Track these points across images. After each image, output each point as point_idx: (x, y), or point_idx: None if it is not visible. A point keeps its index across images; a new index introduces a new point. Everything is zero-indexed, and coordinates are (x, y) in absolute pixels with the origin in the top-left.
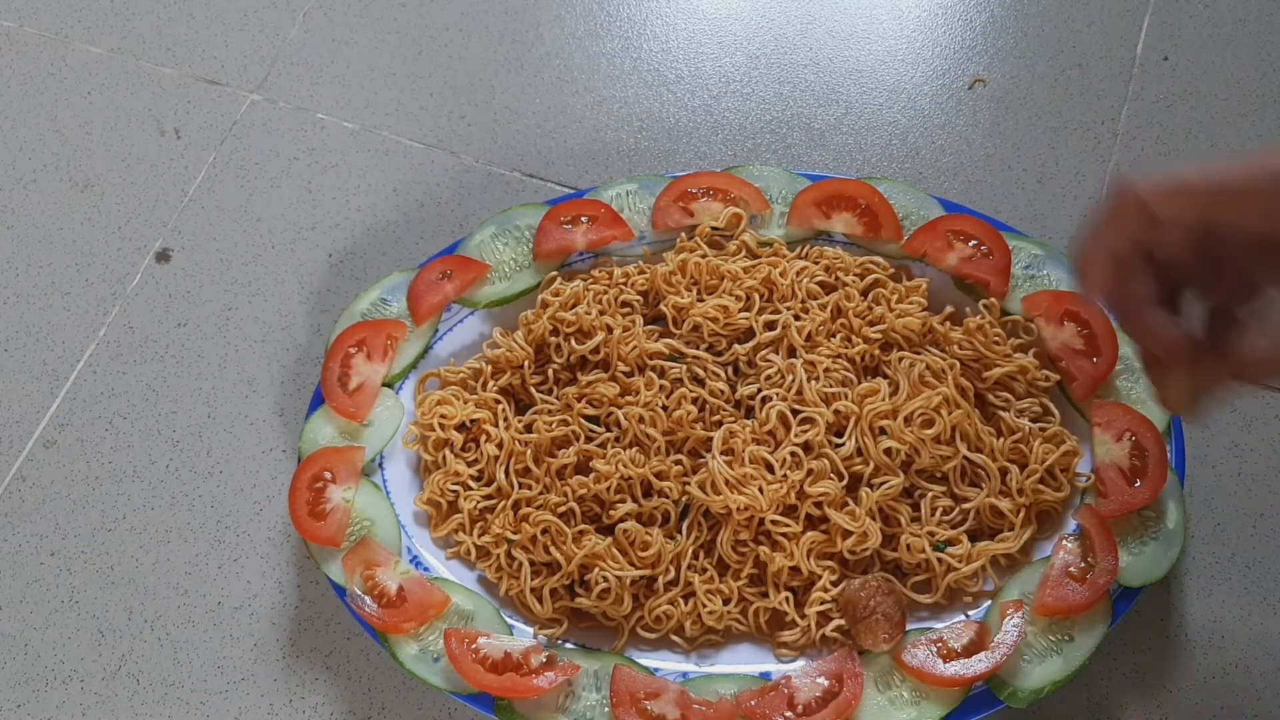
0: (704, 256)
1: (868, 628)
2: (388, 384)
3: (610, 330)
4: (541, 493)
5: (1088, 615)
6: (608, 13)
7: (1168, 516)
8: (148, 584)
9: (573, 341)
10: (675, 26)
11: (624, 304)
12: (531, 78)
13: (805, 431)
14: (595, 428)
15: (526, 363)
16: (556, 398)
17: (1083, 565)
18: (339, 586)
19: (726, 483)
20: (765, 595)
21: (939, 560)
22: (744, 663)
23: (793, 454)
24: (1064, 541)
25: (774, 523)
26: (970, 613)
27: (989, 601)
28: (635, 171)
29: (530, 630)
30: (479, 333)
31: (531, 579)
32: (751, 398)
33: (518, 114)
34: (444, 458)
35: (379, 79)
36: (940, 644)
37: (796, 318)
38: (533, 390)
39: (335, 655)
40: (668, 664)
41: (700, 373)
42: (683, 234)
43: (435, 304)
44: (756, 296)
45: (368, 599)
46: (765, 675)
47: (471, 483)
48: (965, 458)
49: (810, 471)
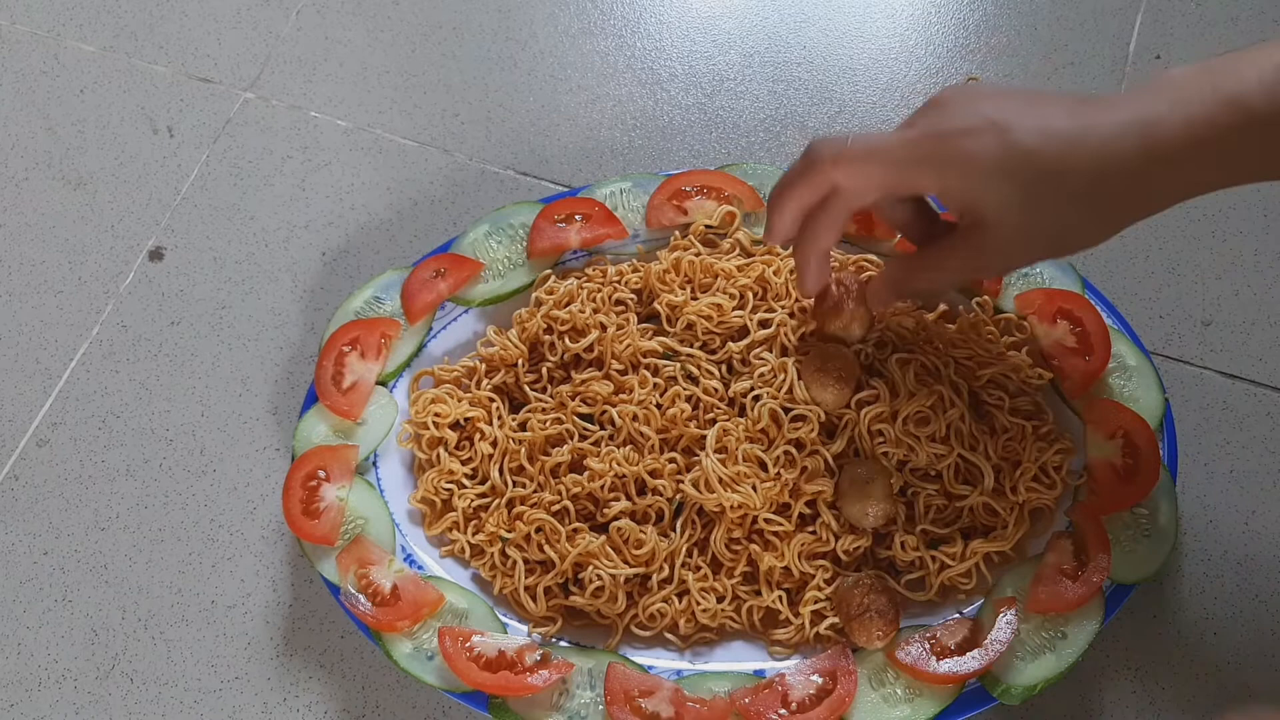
0: (697, 255)
1: (861, 625)
2: (381, 382)
3: (604, 328)
4: (535, 491)
5: (1080, 612)
6: (601, 10)
7: (1160, 514)
8: (141, 583)
9: (566, 340)
10: (669, 24)
11: (618, 302)
12: (525, 76)
13: (797, 429)
14: (589, 426)
15: (520, 361)
16: (550, 396)
17: (1075, 563)
18: (333, 585)
19: (720, 481)
20: (759, 593)
21: (932, 558)
22: (738, 660)
23: (786, 453)
24: (1057, 539)
25: (767, 521)
26: (963, 610)
27: (982, 599)
28: (629, 169)
29: (524, 628)
30: (473, 331)
31: (525, 577)
32: (745, 395)
33: (511, 112)
34: (438, 456)
35: (372, 77)
36: (934, 641)
37: (791, 315)
38: (526, 388)
39: (329, 654)
40: (662, 662)
41: (694, 371)
42: (676, 232)
43: (429, 302)
44: (750, 295)
45: (362, 597)
46: (759, 673)
47: (465, 481)
48: (959, 456)
49: (804, 470)
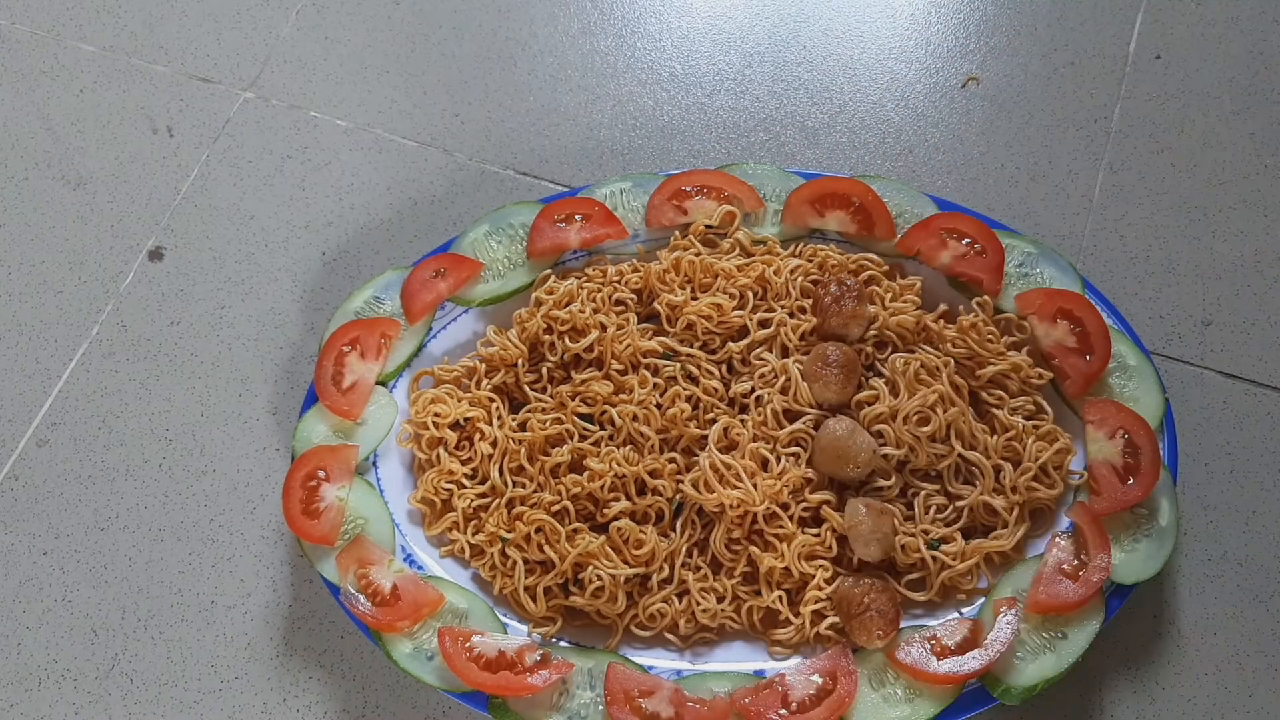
0: (697, 254)
1: (861, 624)
2: (381, 382)
3: (604, 328)
4: (535, 491)
5: (1081, 612)
6: (601, 11)
7: (1160, 514)
8: (141, 583)
9: (566, 340)
10: (669, 24)
11: (618, 302)
12: (525, 76)
13: (798, 429)
14: (589, 426)
15: (520, 361)
16: (550, 396)
17: (1076, 562)
18: (333, 585)
19: (720, 479)
20: (759, 594)
21: (933, 558)
22: (738, 660)
23: (792, 453)
24: (1057, 539)
25: (767, 520)
26: (964, 610)
27: (982, 599)
28: (629, 169)
29: (524, 628)
30: (473, 331)
31: (525, 577)
32: (745, 395)
33: (511, 112)
34: (438, 456)
35: (372, 77)
36: (934, 641)
37: (791, 315)
38: (526, 388)
39: (329, 654)
40: (662, 662)
41: (694, 371)
42: (676, 232)
43: (429, 302)
44: (750, 295)
45: (361, 597)
46: (759, 673)
47: (465, 481)
48: (960, 455)
49: (809, 480)
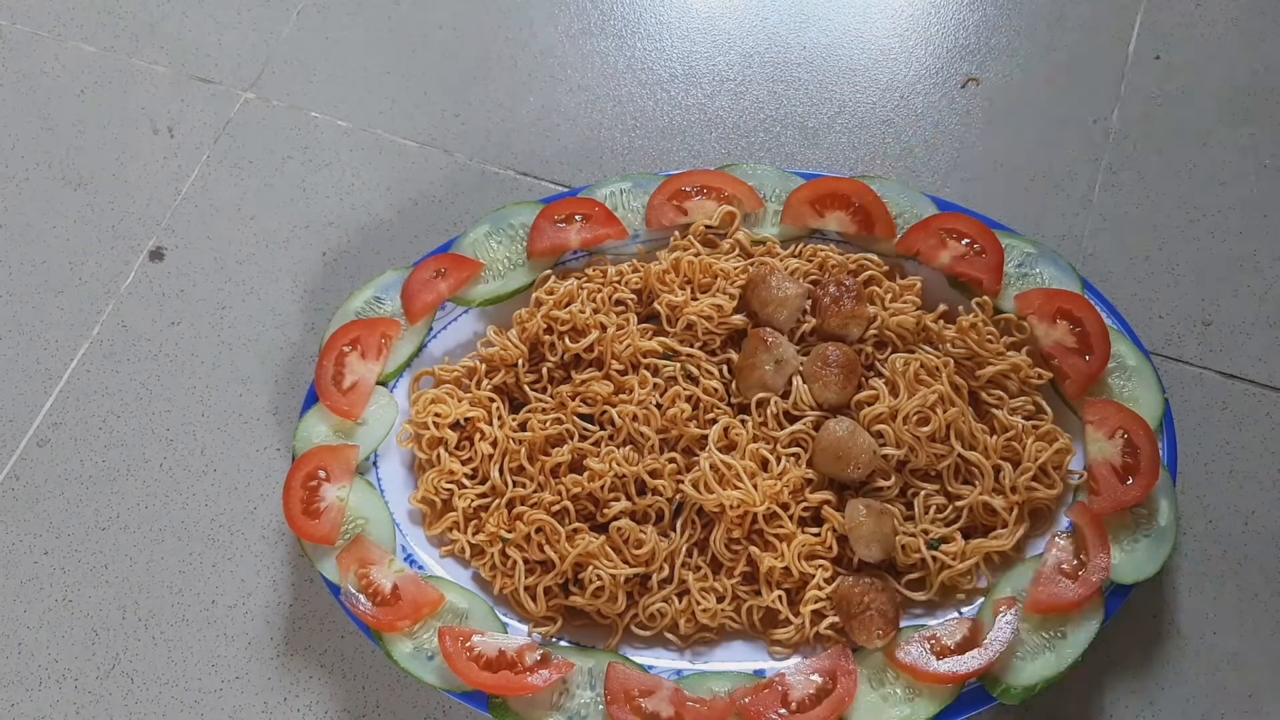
0: (697, 255)
1: (861, 624)
2: (382, 382)
3: (604, 329)
4: (535, 491)
5: (1080, 612)
6: (601, 11)
7: (1160, 514)
8: (141, 583)
9: (567, 340)
10: (669, 25)
11: (618, 302)
12: (525, 76)
13: (798, 429)
14: (589, 426)
15: (520, 361)
16: (550, 396)
17: (1075, 562)
18: (333, 585)
19: (720, 479)
20: (759, 593)
21: (933, 558)
22: (738, 660)
23: (792, 453)
24: (1056, 539)
25: (767, 520)
26: (963, 610)
27: (982, 599)
28: (629, 170)
29: (525, 628)
30: (473, 331)
31: (526, 577)
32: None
33: (511, 112)
34: (438, 456)
35: (373, 77)
36: (934, 641)
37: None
38: (527, 389)
39: (330, 654)
40: (662, 661)
41: (694, 371)
42: (676, 232)
43: (429, 302)
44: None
45: (362, 597)
46: (759, 672)
47: (466, 481)
48: (960, 455)
49: (809, 481)
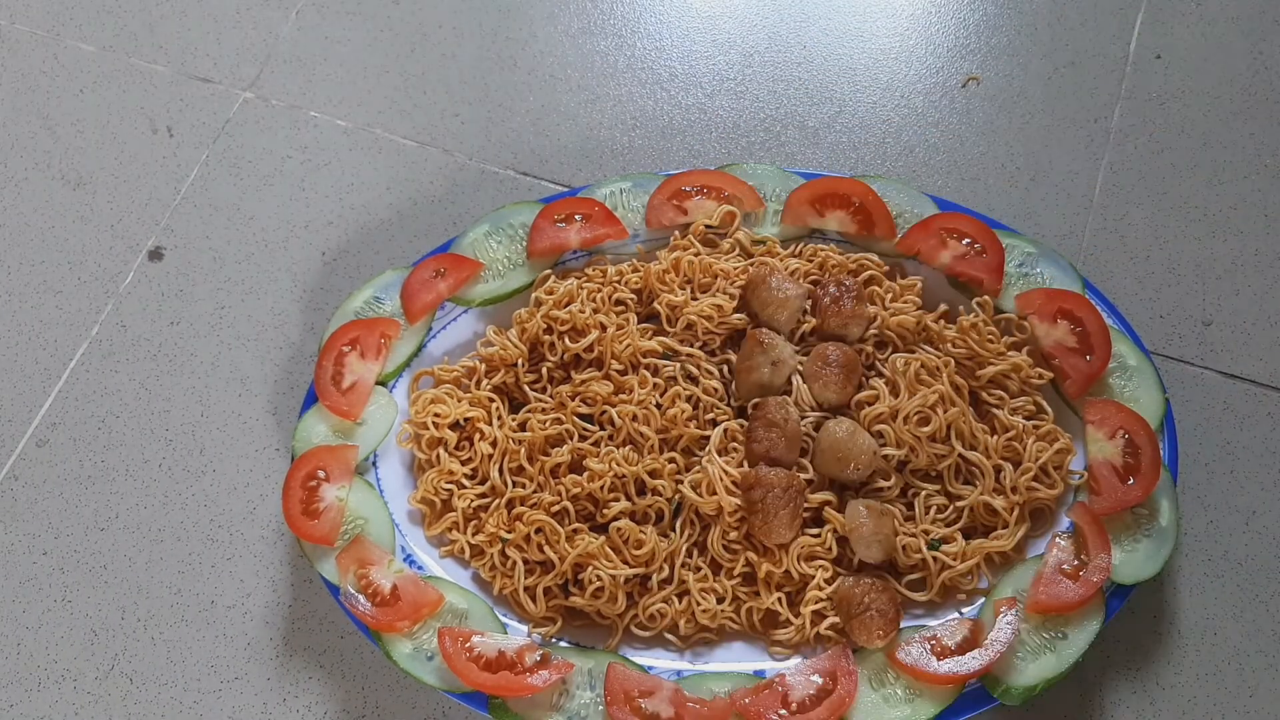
0: (697, 255)
1: (861, 624)
2: (381, 382)
3: (604, 328)
4: (535, 491)
5: (1081, 612)
6: (601, 11)
7: (1160, 514)
8: (141, 583)
9: (566, 340)
10: (669, 24)
11: (618, 302)
12: (525, 76)
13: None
14: (589, 426)
15: (520, 361)
16: (550, 396)
17: (1076, 563)
18: (333, 585)
19: (725, 487)
20: (758, 594)
21: (934, 559)
22: (738, 660)
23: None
24: (1057, 539)
25: None
26: (964, 610)
27: (982, 599)
28: (629, 169)
29: (524, 628)
30: (473, 331)
31: (525, 578)
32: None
33: (511, 112)
34: (438, 456)
35: (372, 77)
36: (934, 641)
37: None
38: (526, 389)
39: (329, 654)
40: (662, 662)
41: (694, 371)
42: (676, 232)
43: (429, 302)
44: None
45: (361, 598)
46: (759, 673)
47: (465, 481)
48: (960, 455)
49: (810, 481)
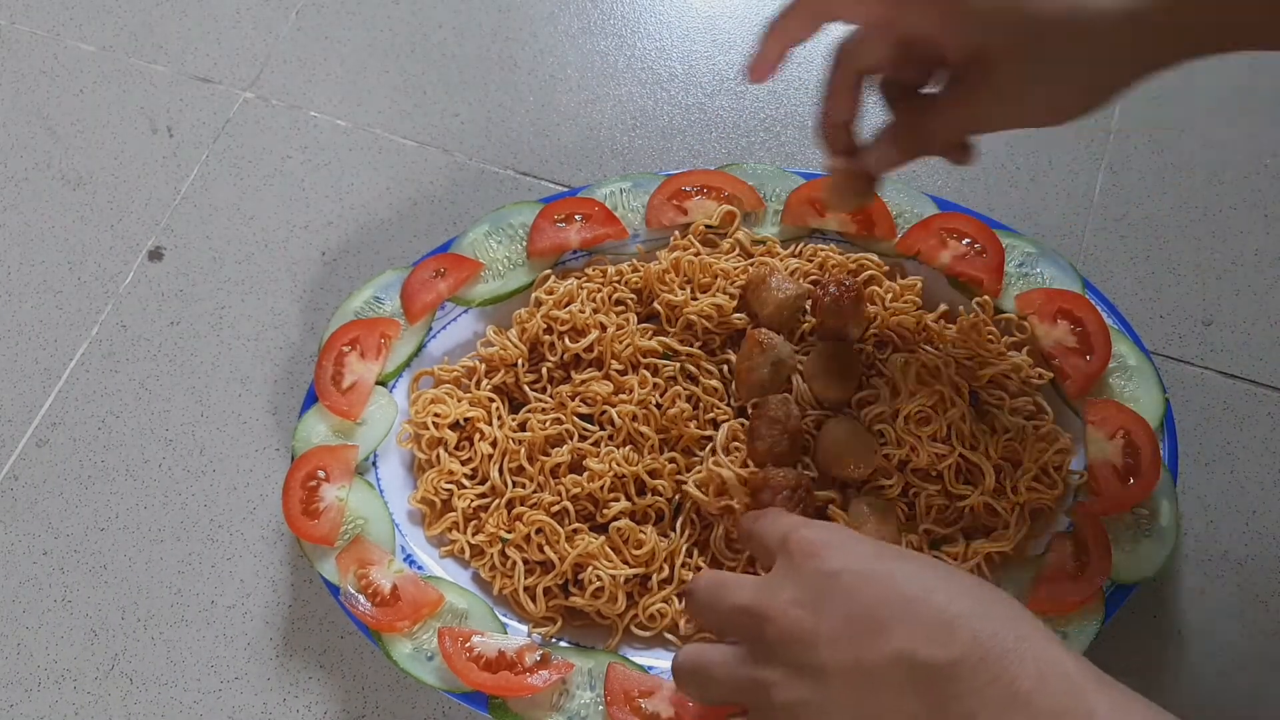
0: (697, 255)
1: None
2: (381, 382)
3: (604, 328)
4: (535, 491)
5: (1081, 612)
6: (601, 10)
7: (1160, 514)
8: (141, 583)
9: (566, 340)
10: (669, 24)
11: (617, 302)
12: (525, 75)
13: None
14: (589, 426)
15: (520, 361)
16: (550, 396)
17: (1076, 563)
18: (333, 585)
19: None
20: None
21: (934, 558)
22: None
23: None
24: (1057, 539)
25: None
26: None
27: None
28: (629, 169)
29: (524, 628)
30: (473, 331)
31: (525, 578)
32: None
33: (511, 112)
34: (438, 456)
35: (372, 77)
36: None
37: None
38: (526, 389)
39: (329, 654)
40: (662, 662)
41: (694, 370)
42: (676, 232)
43: (429, 302)
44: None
45: (361, 598)
46: None
47: (465, 481)
48: (960, 456)
49: (813, 480)
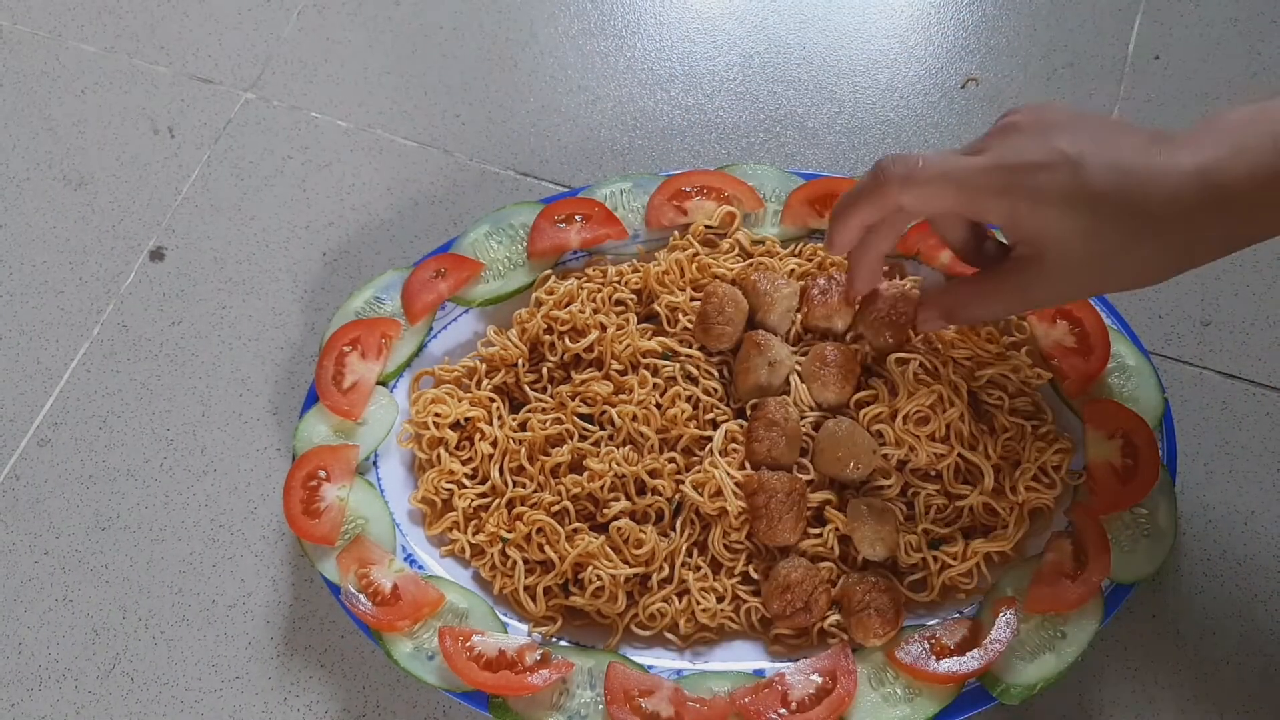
0: (697, 255)
1: (860, 622)
2: (382, 382)
3: (604, 329)
4: (535, 491)
5: (1080, 612)
6: (601, 11)
7: (1159, 514)
8: (142, 583)
9: (566, 340)
10: (669, 25)
11: (617, 302)
12: (525, 76)
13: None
14: (589, 426)
15: (520, 361)
16: (550, 396)
17: (1075, 563)
18: (333, 585)
19: (733, 490)
20: (758, 594)
21: (934, 559)
22: (738, 660)
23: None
24: (1056, 539)
25: None
26: (963, 610)
27: (982, 598)
28: (629, 170)
29: (525, 628)
30: (473, 331)
31: (525, 577)
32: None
33: (511, 112)
34: (438, 456)
35: (373, 77)
36: (933, 641)
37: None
38: (526, 389)
39: (330, 654)
40: (662, 661)
41: (693, 371)
42: (676, 232)
43: (429, 302)
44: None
45: (362, 597)
46: (759, 672)
47: (466, 481)
48: (960, 455)
49: (810, 481)
